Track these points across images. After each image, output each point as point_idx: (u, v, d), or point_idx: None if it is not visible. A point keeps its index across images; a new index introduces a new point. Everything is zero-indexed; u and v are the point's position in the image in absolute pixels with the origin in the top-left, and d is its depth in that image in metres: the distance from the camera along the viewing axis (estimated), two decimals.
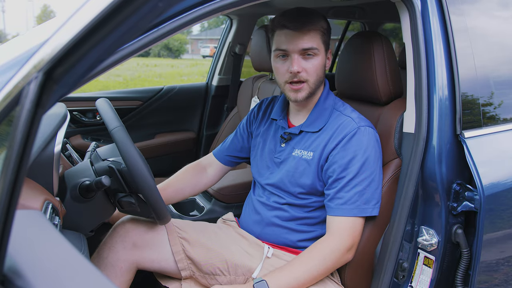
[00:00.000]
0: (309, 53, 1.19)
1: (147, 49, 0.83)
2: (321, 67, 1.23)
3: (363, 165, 1.17)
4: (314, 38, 1.20)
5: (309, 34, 1.19)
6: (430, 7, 1.14)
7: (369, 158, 1.18)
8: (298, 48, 1.19)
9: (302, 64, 1.20)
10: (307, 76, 1.21)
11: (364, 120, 1.24)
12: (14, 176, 0.49)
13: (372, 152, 1.19)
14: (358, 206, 1.16)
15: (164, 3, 0.46)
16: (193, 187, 1.47)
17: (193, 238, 1.30)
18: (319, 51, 1.21)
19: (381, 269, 1.17)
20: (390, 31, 4.16)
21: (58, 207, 0.91)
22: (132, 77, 13.69)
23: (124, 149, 1.05)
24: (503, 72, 1.29)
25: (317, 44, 1.20)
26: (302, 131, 1.28)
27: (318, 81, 1.24)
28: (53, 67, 0.50)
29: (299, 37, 1.18)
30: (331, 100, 1.30)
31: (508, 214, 1.16)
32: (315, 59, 1.21)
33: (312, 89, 1.23)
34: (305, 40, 1.18)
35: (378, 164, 1.20)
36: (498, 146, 1.23)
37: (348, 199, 1.16)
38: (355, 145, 1.18)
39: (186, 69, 18.34)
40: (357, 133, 1.19)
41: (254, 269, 1.25)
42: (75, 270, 0.54)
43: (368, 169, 1.17)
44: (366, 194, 1.17)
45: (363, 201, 1.16)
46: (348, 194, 1.16)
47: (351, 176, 1.17)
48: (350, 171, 1.17)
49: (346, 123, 1.22)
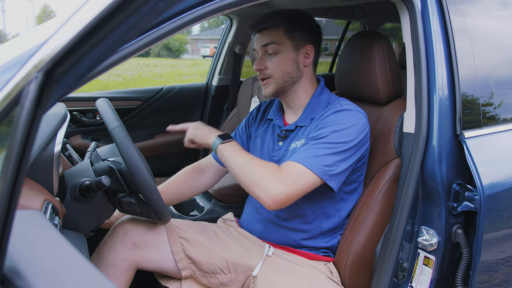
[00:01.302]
0: (269, 49, 1.25)
1: (147, 49, 0.83)
2: (286, 63, 1.25)
3: (334, 133, 1.14)
4: (275, 35, 1.24)
5: (269, 32, 1.25)
6: (430, 7, 1.14)
7: (342, 132, 1.14)
8: (259, 45, 1.27)
9: (264, 61, 1.26)
10: (271, 72, 1.26)
11: (355, 107, 1.23)
12: (14, 176, 0.48)
13: (349, 130, 1.15)
14: (316, 162, 1.11)
15: (164, 3, 0.46)
16: (192, 189, 1.47)
17: (192, 238, 1.30)
18: (281, 47, 1.24)
19: (381, 269, 1.17)
20: (390, 31, 4.16)
21: (58, 207, 0.91)
22: (132, 77, 13.68)
23: (124, 149, 1.05)
24: (503, 72, 1.29)
25: (277, 39, 1.24)
26: (297, 126, 1.29)
27: (287, 77, 1.26)
28: (53, 67, 0.50)
29: (261, 37, 1.27)
30: (325, 95, 1.31)
31: (508, 214, 1.16)
32: (278, 55, 1.25)
33: (280, 84, 1.26)
34: (264, 38, 1.26)
35: (353, 146, 1.15)
36: (498, 146, 1.23)
37: (306, 151, 1.13)
38: (333, 117, 1.19)
39: (186, 69, 18.34)
40: (340, 112, 1.20)
41: (254, 266, 1.26)
42: (75, 270, 0.54)
43: (336, 139, 1.13)
44: (320, 154, 1.12)
45: (320, 160, 1.11)
46: (305, 148, 1.15)
47: (315, 138, 1.16)
48: (318, 134, 1.16)
49: (334, 107, 1.23)
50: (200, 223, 1.38)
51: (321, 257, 1.30)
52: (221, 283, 1.27)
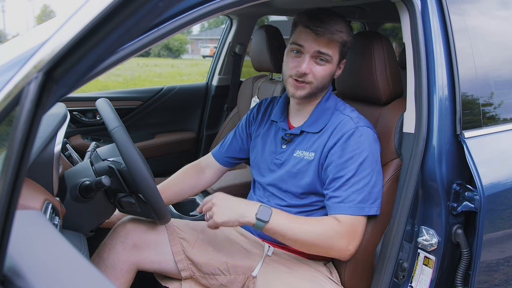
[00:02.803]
0: (322, 58, 1.20)
1: (147, 49, 0.83)
2: (329, 75, 1.23)
3: (361, 164, 1.16)
4: (332, 47, 1.20)
5: (328, 43, 1.19)
6: (430, 7, 1.14)
7: (367, 158, 1.17)
8: (313, 49, 1.19)
9: (311, 66, 1.20)
10: (313, 79, 1.21)
11: (363, 120, 1.24)
12: (14, 176, 0.49)
13: (370, 152, 1.18)
14: (355, 205, 1.15)
15: (164, 3, 0.46)
16: (192, 188, 1.47)
17: (193, 239, 1.30)
18: (332, 60, 1.21)
19: (381, 269, 1.17)
20: (390, 31, 4.16)
21: (58, 207, 0.91)
22: (132, 77, 13.68)
23: (124, 149, 1.05)
24: (503, 72, 1.29)
25: (332, 53, 1.20)
26: (303, 131, 1.28)
27: (322, 86, 1.24)
28: (53, 67, 0.50)
29: (318, 41, 1.18)
30: (332, 101, 1.30)
31: (508, 214, 1.16)
32: (326, 66, 1.21)
33: (314, 92, 1.23)
34: (322, 46, 1.18)
35: (376, 163, 1.20)
36: (498, 146, 1.23)
37: (345, 197, 1.16)
38: (352, 145, 1.18)
39: (186, 69, 18.34)
40: (355, 133, 1.19)
41: (254, 267, 1.25)
42: (75, 270, 0.54)
43: (366, 168, 1.17)
44: (364, 193, 1.16)
45: (360, 199, 1.15)
46: (345, 193, 1.16)
47: (348, 176, 1.16)
48: (348, 170, 1.17)
49: (345, 121, 1.22)
50: (200, 223, 1.38)
51: (321, 257, 1.30)
52: (221, 284, 1.27)
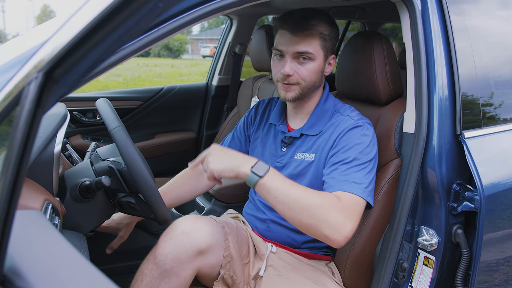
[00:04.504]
0: (303, 56, 1.19)
1: (147, 49, 0.83)
2: (316, 72, 1.22)
3: (359, 154, 1.15)
4: (311, 43, 1.18)
5: (306, 39, 1.17)
6: (430, 7, 1.14)
7: (365, 151, 1.15)
8: (292, 51, 1.18)
9: (295, 67, 1.19)
10: (299, 79, 1.20)
11: (363, 118, 1.24)
12: (14, 176, 0.49)
13: (369, 146, 1.17)
14: (357, 185, 1.10)
15: (164, 3, 0.46)
16: (191, 192, 1.46)
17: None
18: (315, 56, 1.19)
19: (381, 269, 1.17)
20: (390, 31, 4.16)
21: (58, 207, 0.91)
22: (132, 77, 13.68)
23: (124, 149, 1.05)
24: (503, 72, 1.29)
25: (313, 49, 1.18)
26: (302, 134, 1.28)
27: (311, 85, 1.23)
28: (53, 67, 0.50)
29: (295, 41, 1.18)
30: (331, 102, 1.30)
31: (508, 214, 1.16)
32: (310, 64, 1.20)
33: (304, 92, 1.23)
34: (300, 44, 1.17)
35: (374, 159, 1.17)
36: (498, 146, 1.23)
37: (346, 178, 1.12)
38: (352, 137, 1.17)
39: (186, 69, 18.34)
40: (355, 128, 1.19)
41: (259, 267, 1.25)
42: (75, 270, 0.54)
43: (363, 159, 1.14)
44: (358, 177, 1.12)
45: (360, 183, 1.11)
46: (346, 173, 1.13)
47: (345, 162, 1.14)
48: (346, 157, 1.15)
49: (345, 120, 1.22)
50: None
51: (322, 256, 1.30)
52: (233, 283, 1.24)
